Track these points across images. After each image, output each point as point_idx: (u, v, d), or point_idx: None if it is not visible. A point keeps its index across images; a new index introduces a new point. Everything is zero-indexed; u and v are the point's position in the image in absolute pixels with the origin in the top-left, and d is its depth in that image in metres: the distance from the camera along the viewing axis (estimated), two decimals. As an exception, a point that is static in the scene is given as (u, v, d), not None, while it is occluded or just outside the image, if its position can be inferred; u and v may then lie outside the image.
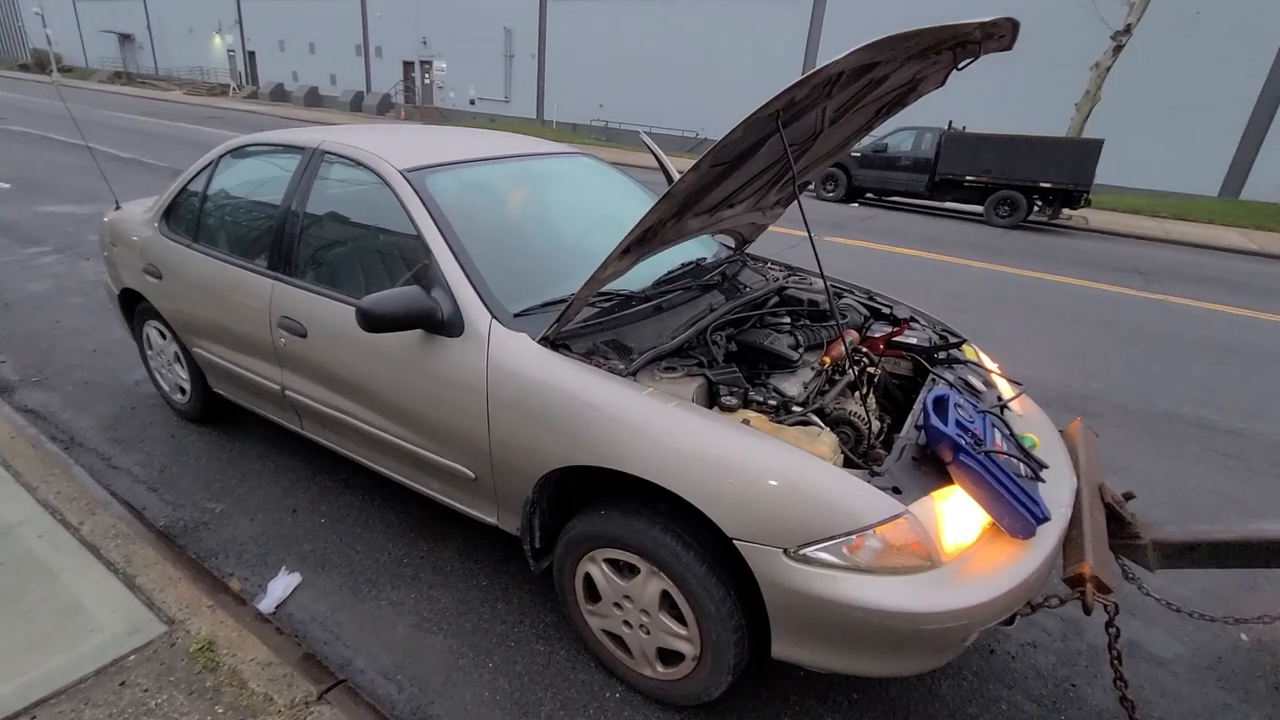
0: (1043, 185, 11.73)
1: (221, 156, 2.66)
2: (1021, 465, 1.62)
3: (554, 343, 1.77)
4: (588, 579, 1.83)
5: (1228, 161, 16.54)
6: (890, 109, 2.15)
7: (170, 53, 39.87)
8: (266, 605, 2.12)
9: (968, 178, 12.34)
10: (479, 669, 1.94)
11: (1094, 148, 11.42)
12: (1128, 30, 12.81)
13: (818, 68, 1.29)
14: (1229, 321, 6.40)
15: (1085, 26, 14.53)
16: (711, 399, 1.72)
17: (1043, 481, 1.65)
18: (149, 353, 3.18)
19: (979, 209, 12.46)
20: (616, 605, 1.79)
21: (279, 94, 32.92)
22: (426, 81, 30.30)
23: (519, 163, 2.50)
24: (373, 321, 1.75)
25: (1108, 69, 13.20)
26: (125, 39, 42.04)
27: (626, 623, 1.79)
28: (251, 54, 36.29)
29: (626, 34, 24.12)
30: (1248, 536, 1.72)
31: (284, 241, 2.32)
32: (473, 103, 28.85)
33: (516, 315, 1.86)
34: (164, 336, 2.98)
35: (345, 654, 1.97)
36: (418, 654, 1.98)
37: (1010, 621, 1.57)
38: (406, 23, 29.44)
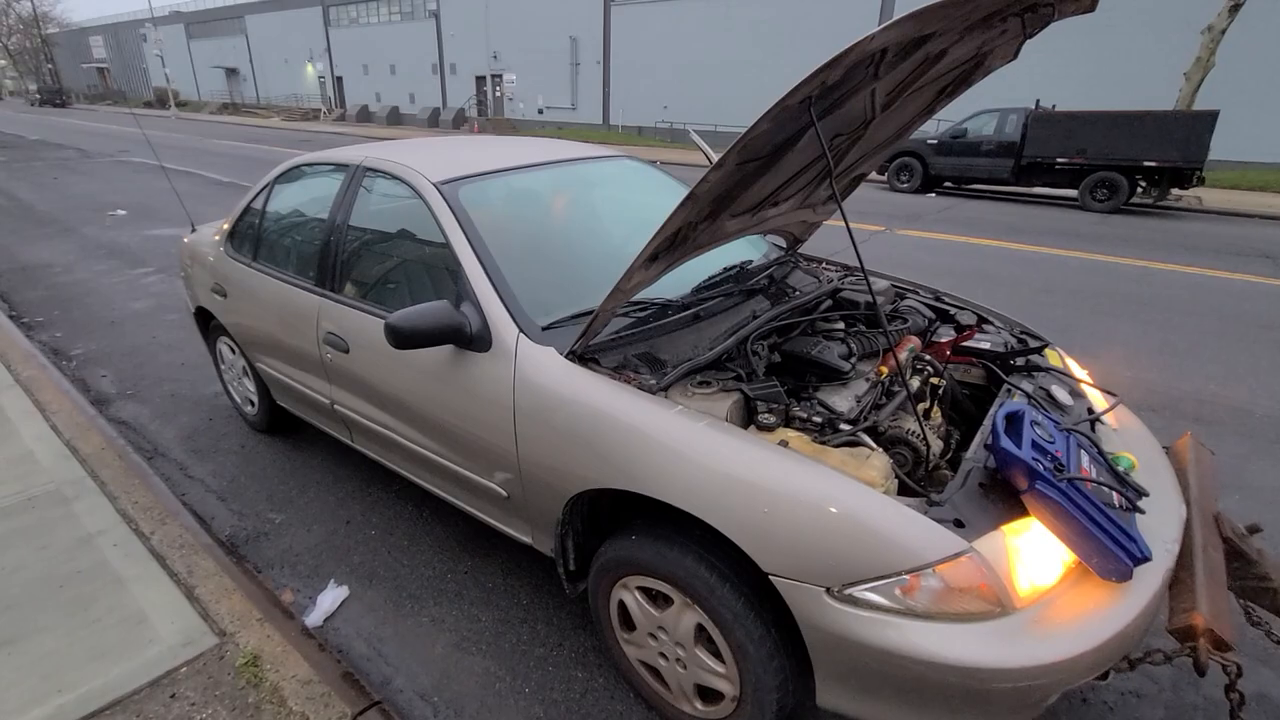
0: (1146, 164, 10.66)
1: (277, 177, 2.75)
2: (1115, 494, 1.39)
3: (582, 356, 1.68)
4: (622, 606, 1.74)
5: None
6: (954, 89, 1.93)
7: (269, 83, 43.11)
8: (315, 619, 2.15)
9: (1059, 160, 11.39)
10: (515, 694, 1.88)
11: (1207, 120, 10.26)
12: (1248, -13, 11.45)
13: (850, 44, 1.13)
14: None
15: (1197, -14, 13.13)
16: (749, 416, 1.58)
17: (1142, 512, 1.41)
18: (222, 367, 3.35)
19: (1073, 193, 11.49)
20: (651, 636, 1.68)
21: (364, 115, 34.88)
22: (497, 94, 31.25)
23: (556, 169, 2.44)
24: (401, 337, 1.72)
25: (1222, 32, 11.85)
26: (231, 73, 45.82)
27: (663, 655, 1.68)
28: (339, 79, 38.67)
29: (689, 35, 23.94)
30: None
31: (328, 258, 2.36)
32: (541, 112, 29.50)
33: (545, 328, 1.79)
34: (233, 352, 3.12)
35: (385, 672, 1.96)
36: (455, 675, 1.94)
37: (1104, 676, 1.34)
38: (478, 39, 30.48)
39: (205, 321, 3.28)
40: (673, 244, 1.55)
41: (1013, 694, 1.21)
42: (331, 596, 2.23)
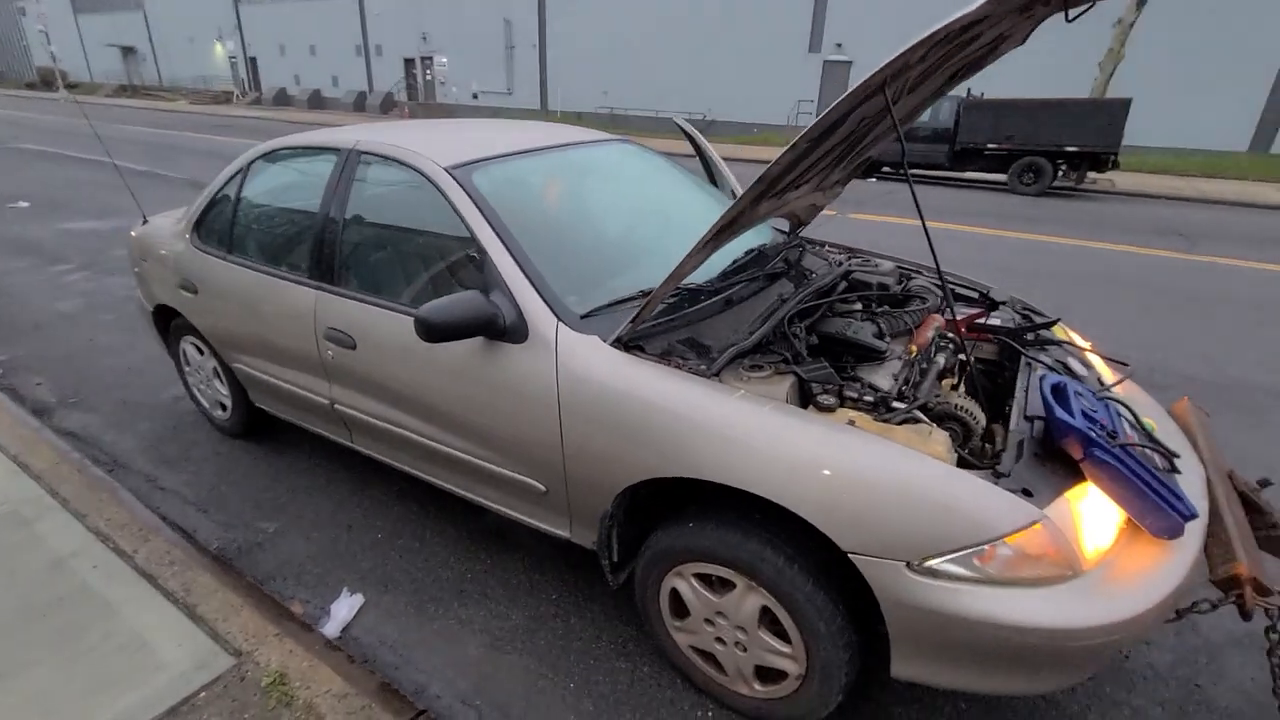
0: (1068, 149, 11.37)
1: (252, 163, 2.55)
2: (1156, 456, 1.48)
3: (627, 344, 1.64)
4: (674, 594, 1.72)
5: (1257, 115, 15.98)
6: (966, 73, 1.99)
7: (173, 63, 39.98)
8: (332, 630, 2.03)
9: (989, 146, 12.00)
10: (560, 690, 1.84)
11: (1121, 107, 11.04)
12: (1152, -17, 12.32)
13: (943, 23, 1.14)
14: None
15: (1105, -18, 14.01)
16: (803, 398, 1.59)
17: (1180, 473, 1.51)
18: (186, 369, 3.10)
19: (1002, 178, 12.13)
20: (708, 622, 1.68)
21: (282, 98, 32.93)
22: (428, 78, 30.11)
23: (564, 153, 2.37)
24: (433, 331, 1.63)
25: (1131, 24, 12.73)
26: (128, 52, 42.21)
27: (720, 640, 1.68)
28: (253, 60, 36.28)
29: (627, 18, 23.73)
30: None
31: (325, 249, 2.21)
32: (475, 96, 28.65)
33: (583, 317, 1.74)
34: (201, 352, 2.90)
35: (419, 679, 1.88)
36: (494, 676, 1.89)
37: (1150, 628, 1.43)
38: (406, 19, 29.22)
39: (165, 321, 3.03)
40: (726, 227, 1.53)
41: (1087, 651, 1.27)
42: (347, 605, 2.12)
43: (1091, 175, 11.99)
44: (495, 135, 2.37)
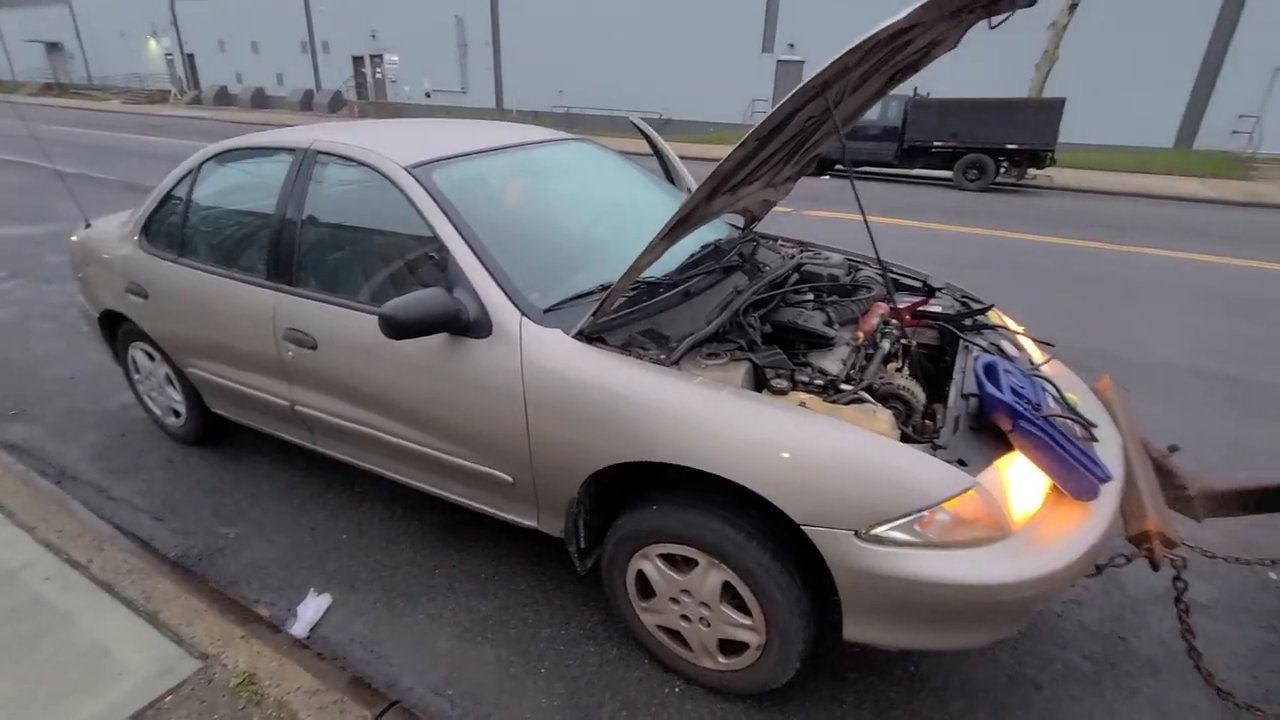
0: (1009, 147, 11.88)
1: (203, 163, 2.51)
2: (1076, 427, 1.61)
3: (589, 336, 1.70)
4: (640, 576, 1.79)
5: (1180, 113, 16.96)
6: (904, 74, 2.10)
7: (103, 60, 38.11)
8: (299, 630, 2.03)
9: (935, 143, 12.44)
10: (532, 676, 1.89)
11: (1056, 107, 11.59)
12: (1081, -12, 12.97)
13: (875, 30, 1.24)
14: (1201, 269, 6.57)
15: (1039, -14, 14.65)
16: (758, 383, 1.68)
17: (1097, 441, 1.65)
18: (136, 376, 3.02)
19: (948, 174, 12.59)
20: (673, 600, 1.75)
21: (223, 97, 31.74)
22: (378, 76, 29.47)
23: (522, 152, 2.41)
24: (397, 328, 1.66)
25: (1064, 28, 13.37)
26: (53, 48, 40.04)
27: (685, 617, 1.75)
28: (190, 57, 34.87)
29: (582, 16, 23.69)
30: (1295, 480, 1.74)
31: (282, 249, 2.20)
32: (428, 95, 28.17)
33: (546, 311, 1.79)
34: (152, 358, 2.83)
35: (390, 673, 1.91)
36: (466, 666, 1.92)
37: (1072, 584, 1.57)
38: (353, 16, 28.50)
39: (112, 327, 2.94)
40: (681, 222, 1.60)
41: (1017, 604, 1.39)
42: (314, 606, 2.12)
43: (1031, 171, 12.56)
44: (454, 135, 2.39)
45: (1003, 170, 12.20)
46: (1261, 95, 15.92)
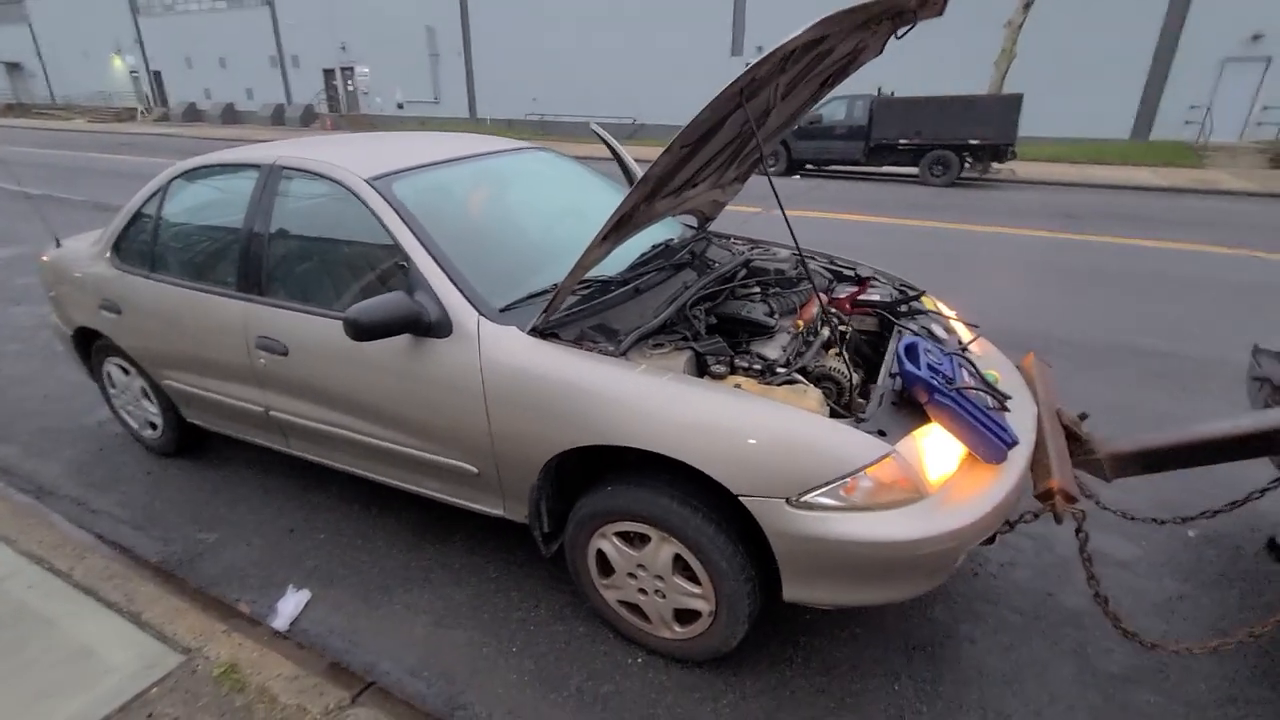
0: (971, 142, 12.22)
1: (171, 181, 2.60)
2: (989, 398, 1.77)
3: (543, 332, 1.83)
4: (600, 554, 1.91)
5: (1135, 105, 17.52)
6: (834, 80, 2.26)
7: (66, 79, 37.46)
8: (280, 624, 2.13)
9: (901, 141, 12.76)
10: (503, 655, 2.00)
11: (1014, 102, 11.96)
12: (1034, -13, 13.38)
13: (776, 45, 1.38)
14: (1150, 254, 6.86)
15: (995, -14, 15.09)
16: (701, 369, 1.81)
17: (1008, 411, 1.81)
18: (112, 391, 3.08)
19: (915, 170, 12.91)
20: (630, 575, 1.87)
21: (192, 114, 31.39)
22: (350, 88, 29.35)
23: (480, 162, 2.53)
24: (361, 330, 1.77)
25: (1019, 26, 13.78)
26: (13, 68, 39.29)
27: (642, 590, 1.88)
28: (157, 74, 34.42)
29: (552, 24, 23.82)
30: (1185, 439, 1.91)
31: (251, 261, 2.30)
32: (400, 106, 28.11)
33: (502, 310, 1.91)
34: (127, 373, 2.90)
35: (368, 659, 2.01)
36: (441, 649, 2.03)
37: (991, 540, 1.72)
38: (322, 29, 28.36)
39: (86, 344, 3.00)
40: (620, 224, 1.73)
41: (934, 557, 1.54)
42: (293, 601, 2.21)
43: (994, 166, 12.93)
44: (414, 147, 2.51)
45: (967, 165, 12.54)
46: (1211, 86, 16.51)
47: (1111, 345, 4.30)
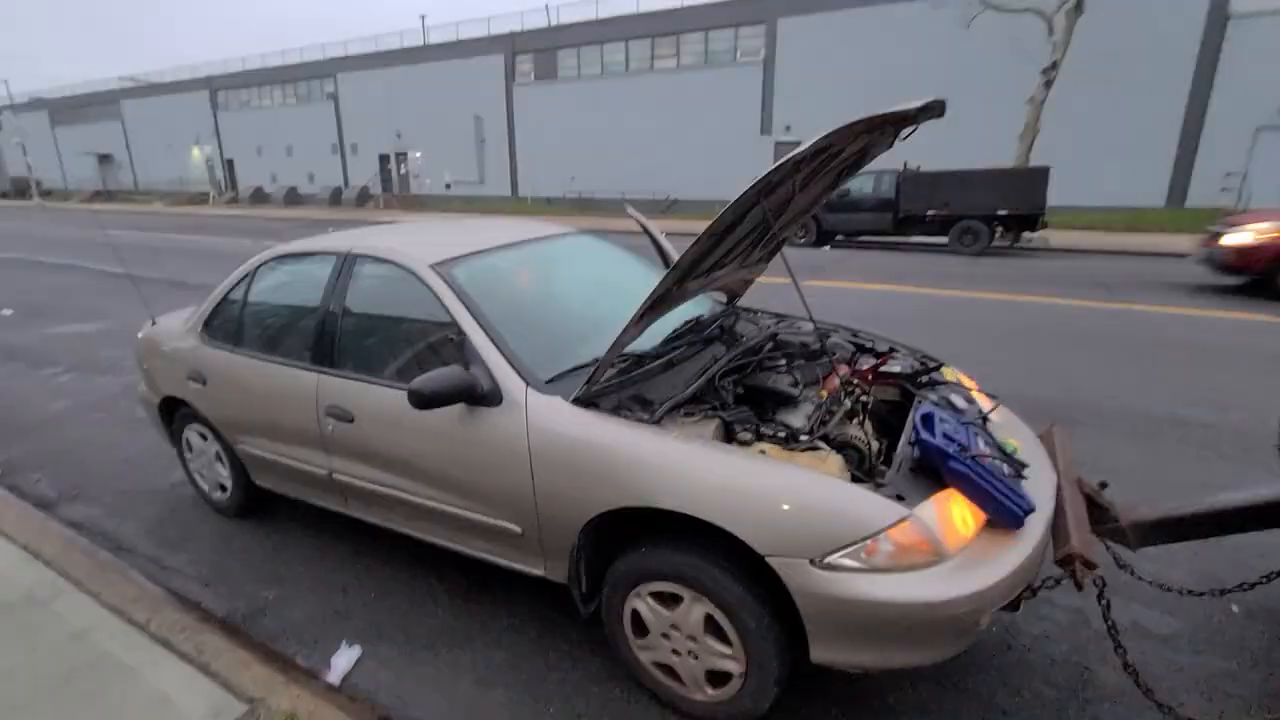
0: (999, 213, 12.41)
1: (258, 268, 2.94)
2: (1005, 466, 1.86)
3: (585, 402, 2.01)
4: (635, 615, 2.01)
5: (1168, 173, 17.58)
6: (848, 171, 2.48)
7: (149, 168, 41.19)
8: (333, 679, 2.25)
9: (929, 212, 13.03)
10: (542, 716, 2.08)
11: (1041, 174, 12.19)
12: (1054, 66, 13.86)
13: (785, 158, 1.60)
14: (1190, 323, 6.79)
15: (1019, 66, 15.66)
16: (729, 436, 1.96)
17: (1025, 479, 1.89)
18: (188, 455, 3.36)
19: (944, 240, 13.10)
20: (664, 635, 1.96)
21: (259, 196, 33.96)
22: (402, 171, 31.50)
23: (529, 247, 2.81)
24: (423, 399, 1.98)
25: (1042, 102, 14.20)
26: (104, 159, 43.43)
27: (675, 651, 1.96)
28: (230, 161, 37.62)
29: (591, 109, 25.45)
30: (1207, 508, 1.94)
31: (325, 337, 2.57)
32: (448, 186, 29.96)
33: (548, 381, 2.11)
34: (204, 438, 3.17)
35: (414, 714, 2.10)
36: (482, 708, 2.12)
37: (1015, 607, 1.77)
38: (380, 120, 30.83)
39: (169, 412, 3.31)
40: (655, 306, 1.93)
41: (955, 619, 1.60)
42: (346, 657, 2.34)
43: (1026, 235, 13.04)
44: (471, 234, 2.80)
45: (997, 235, 12.69)
46: (1245, 152, 16.52)
47: (1149, 415, 4.26)
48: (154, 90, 39.52)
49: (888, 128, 2.02)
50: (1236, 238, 7.88)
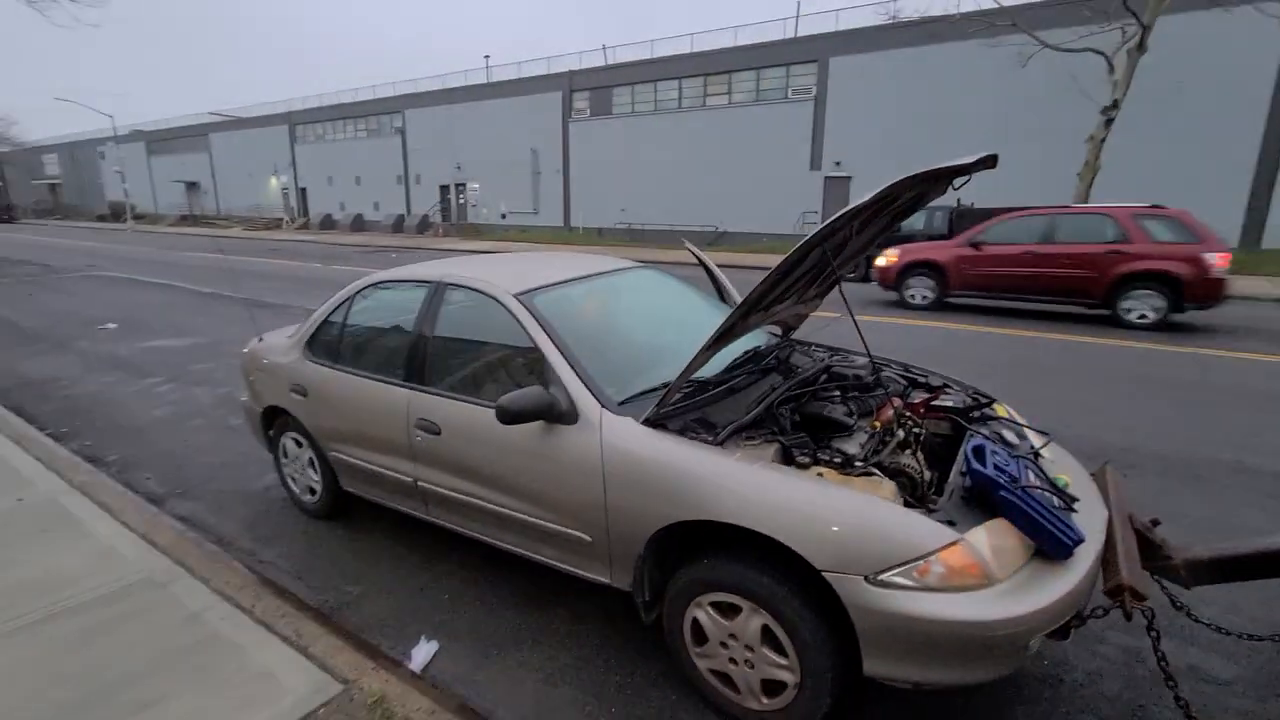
0: (1057, 251, 12.16)
1: (357, 293, 3.27)
2: (1055, 498, 1.95)
3: (654, 423, 2.20)
4: (695, 623, 2.16)
5: (1241, 214, 16.89)
6: (904, 215, 2.65)
7: (230, 194, 44.19)
8: (414, 668, 2.46)
9: (983, 249, 12.86)
10: (603, 715, 2.23)
11: (1102, 213, 11.92)
12: (1115, 105, 13.64)
13: (847, 209, 1.79)
14: (1261, 369, 6.55)
15: (1079, 104, 15.47)
16: (787, 459, 2.11)
17: (1075, 512, 1.97)
18: (283, 461, 3.69)
19: (999, 277, 12.88)
20: (722, 645, 2.10)
21: (328, 223, 35.95)
22: (461, 201, 32.90)
23: (602, 279, 3.05)
24: (508, 415, 2.21)
25: (1102, 140, 13.94)
26: (192, 186, 46.83)
27: (732, 660, 2.09)
28: (303, 190, 40.02)
29: (643, 143, 26.17)
30: (1261, 548, 1.98)
31: (417, 357, 2.85)
32: (504, 216, 31.09)
33: (620, 403, 2.31)
34: (300, 445, 3.50)
35: (487, 707, 2.29)
36: (549, 704, 2.29)
37: (1065, 635, 1.85)
38: (443, 152, 32.41)
39: (270, 420, 3.66)
40: (722, 338, 2.12)
41: (1003, 640, 1.70)
42: (425, 650, 2.55)
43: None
44: (548, 266, 3.06)
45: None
46: (1327, 193, 15.76)
47: (1213, 462, 4.17)
48: (239, 124, 42.59)
49: (943, 179, 2.18)
50: (880, 261, 10.94)
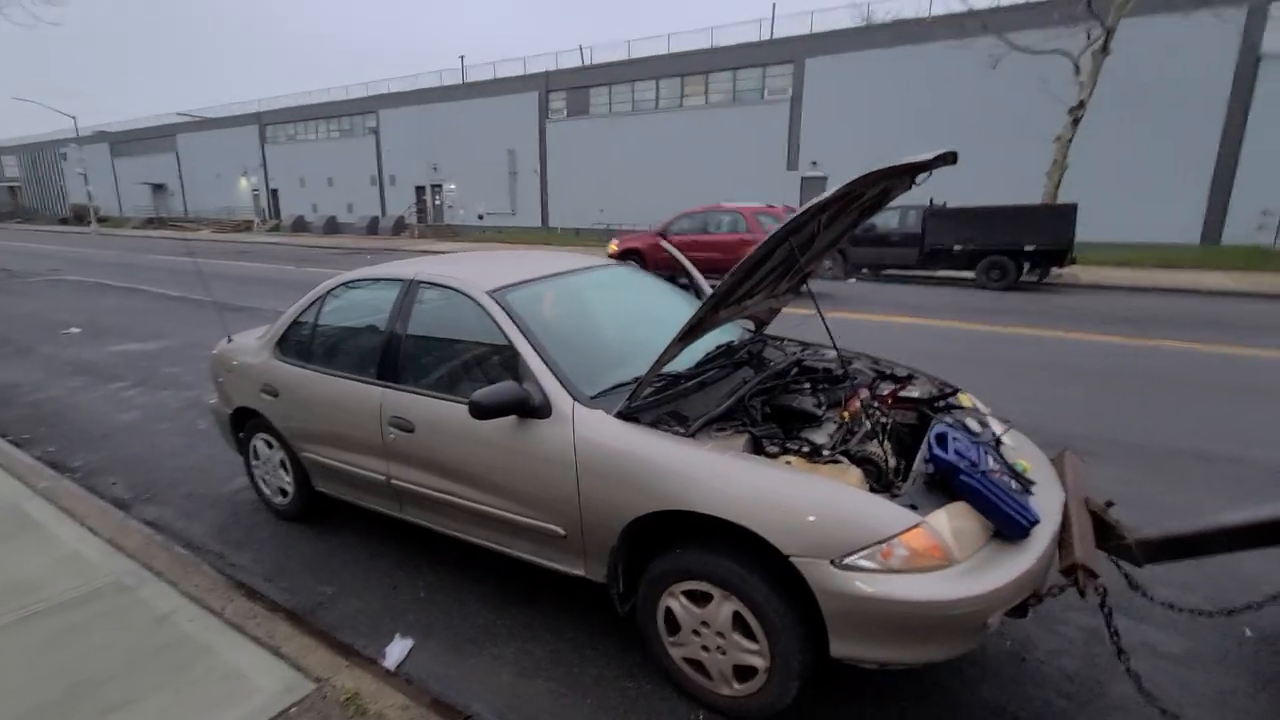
0: (1027, 248, 12.47)
1: (328, 292, 3.25)
2: (1014, 482, 2.01)
3: (626, 416, 2.22)
4: (668, 612, 2.18)
5: (1202, 210, 17.45)
6: (870, 212, 2.70)
7: (199, 197, 43.28)
8: (389, 666, 2.45)
9: (955, 247, 13.13)
10: (579, 706, 2.25)
11: (1068, 211, 12.26)
12: (1081, 106, 14.01)
13: (810, 203, 1.83)
14: (1218, 359, 6.78)
15: (1046, 104, 15.84)
16: (757, 449, 2.15)
17: (1033, 495, 2.04)
18: (254, 463, 3.64)
19: (971, 274, 13.15)
20: (695, 632, 2.13)
21: (299, 225, 35.34)
22: (437, 202, 32.61)
23: (575, 276, 3.07)
24: (482, 410, 2.22)
25: (1069, 140, 14.31)
26: (158, 188, 45.77)
27: (705, 647, 2.12)
28: (274, 191, 39.35)
29: (620, 144, 26.20)
30: (1210, 527, 2.07)
31: (389, 355, 2.84)
32: (481, 217, 30.90)
33: (593, 397, 2.33)
34: (271, 446, 3.45)
35: (462, 701, 2.29)
36: (525, 696, 2.30)
37: (1023, 612, 1.91)
38: (417, 152, 32.10)
39: (240, 422, 3.61)
40: (691, 332, 2.15)
41: (963, 618, 1.75)
42: (399, 648, 2.55)
43: (1055, 270, 13.05)
44: (522, 264, 3.07)
45: (1025, 269, 12.72)
46: (1282, 191, 16.35)
47: (1174, 450, 4.32)
48: (207, 125, 41.73)
49: (904, 174, 2.24)
50: (613, 248, 13.21)
